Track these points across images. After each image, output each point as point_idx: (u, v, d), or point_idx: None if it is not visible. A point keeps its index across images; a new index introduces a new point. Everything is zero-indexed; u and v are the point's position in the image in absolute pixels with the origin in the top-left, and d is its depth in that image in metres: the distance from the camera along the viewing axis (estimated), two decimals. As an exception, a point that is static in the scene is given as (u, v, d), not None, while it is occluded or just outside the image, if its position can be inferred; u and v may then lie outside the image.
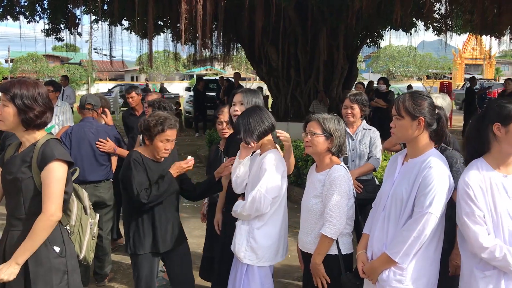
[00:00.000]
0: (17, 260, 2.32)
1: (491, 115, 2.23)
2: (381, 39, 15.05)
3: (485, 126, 2.24)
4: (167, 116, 3.24)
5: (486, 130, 2.23)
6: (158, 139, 3.17)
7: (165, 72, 42.38)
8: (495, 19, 9.98)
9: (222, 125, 3.78)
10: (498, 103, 2.24)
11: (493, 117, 2.22)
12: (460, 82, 33.34)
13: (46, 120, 2.46)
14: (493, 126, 2.21)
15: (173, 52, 14.23)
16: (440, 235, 2.44)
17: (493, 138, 2.23)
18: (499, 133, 2.20)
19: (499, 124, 2.19)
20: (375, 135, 4.24)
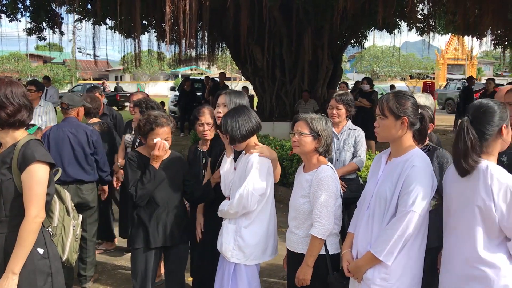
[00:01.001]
0: (13, 270, 2.28)
1: (494, 117, 2.21)
2: (365, 39, 15.18)
3: (489, 128, 2.20)
4: (158, 114, 3.29)
5: (489, 132, 2.21)
6: (150, 138, 3.24)
7: (150, 72, 42.12)
8: (477, 20, 10.12)
9: (204, 127, 3.75)
10: (497, 104, 2.25)
11: (498, 119, 2.20)
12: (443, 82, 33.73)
13: (22, 119, 2.40)
14: (502, 127, 2.20)
15: (157, 51, 14.16)
16: (423, 233, 2.47)
17: (495, 139, 2.22)
18: (505, 132, 2.21)
19: (505, 125, 2.21)
20: (359, 135, 4.27)
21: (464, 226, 2.22)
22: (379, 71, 41.70)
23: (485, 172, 2.13)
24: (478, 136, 2.19)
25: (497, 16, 9.37)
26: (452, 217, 2.32)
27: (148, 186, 3.21)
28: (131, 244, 3.37)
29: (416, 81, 36.13)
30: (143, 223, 3.30)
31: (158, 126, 3.22)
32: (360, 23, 12.64)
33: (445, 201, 2.40)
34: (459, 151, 2.21)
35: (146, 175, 3.22)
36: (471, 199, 2.18)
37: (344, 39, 13.84)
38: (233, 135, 3.01)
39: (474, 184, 2.17)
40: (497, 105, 2.24)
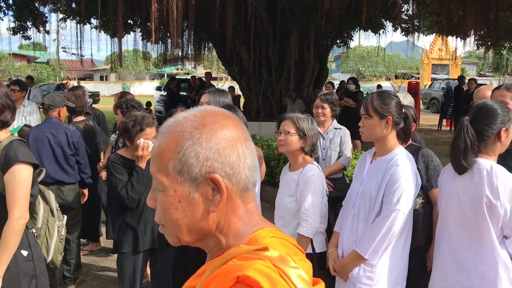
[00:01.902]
0: None
1: (496, 120, 2.23)
2: (350, 40, 15.25)
3: (487, 130, 2.23)
4: (144, 115, 3.26)
5: (487, 133, 2.23)
6: (138, 138, 3.18)
7: (135, 72, 41.87)
8: (461, 21, 10.24)
9: None
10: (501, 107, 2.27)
11: (499, 122, 2.23)
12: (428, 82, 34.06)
13: (5, 120, 2.37)
14: (501, 130, 2.22)
15: (143, 51, 14.07)
16: (408, 231, 2.49)
17: (493, 142, 2.24)
18: (503, 136, 2.24)
19: (504, 128, 2.23)
20: (345, 134, 4.30)
21: (471, 225, 2.23)
22: (364, 71, 41.98)
23: (490, 172, 2.16)
24: (477, 136, 2.22)
25: (480, 17, 9.50)
26: (453, 217, 2.31)
27: (138, 187, 3.15)
28: (117, 249, 3.27)
29: (401, 81, 36.43)
30: (130, 227, 3.23)
31: (147, 126, 3.18)
32: (345, 23, 12.70)
33: (443, 201, 2.39)
34: (459, 149, 2.24)
35: (134, 176, 3.16)
36: (476, 198, 2.19)
37: (329, 39, 13.89)
38: None
39: (477, 184, 2.18)
40: (500, 108, 2.26)
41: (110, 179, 3.26)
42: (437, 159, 2.93)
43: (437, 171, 2.84)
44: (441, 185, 2.44)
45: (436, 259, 2.43)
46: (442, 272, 2.36)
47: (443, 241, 2.38)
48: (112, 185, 3.23)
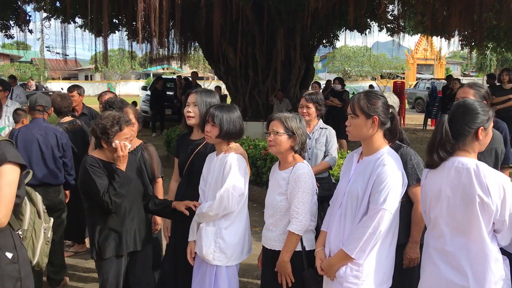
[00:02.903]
0: None
1: (474, 119, 2.25)
2: (336, 40, 15.32)
3: (465, 128, 2.25)
4: (120, 114, 3.17)
5: (464, 131, 2.25)
6: (117, 139, 3.07)
7: (121, 71, 41.55)
8: (445, 21, 10.35)
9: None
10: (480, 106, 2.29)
11: (478, 121, 2.25)
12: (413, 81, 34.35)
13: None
14: (479, 129, 2.25)
15: (128, 50, 13.97)
16: (394, 230, 2.51)
17: (471, 140, 2.26)
18: (481, 135, 2.26)
19: (483, 127, 2.26)
20: (331, 134, 4.32)
21: (462, 224, 2.24)
22: (350, 71, 42.23)
23: (477, 171, 2.18)
24: (455, 134, 2.25)
25: (464, 18, 9.60)
26: (443, 217, 2.31)
27: (121, 191, 3.06)
28: (98, 254, 3.13)
29: (386, 81, 36.70)
30: (114, 231, 3.13)
31: (126, 125, 3.11)
32: (331, 23, 12.76)
33: (432, 203, 2.38)
34: (430, 144, 2.29)
35: (116, 180, 3.05)
36: (467, 198, 2.20)
37: (316, 39, 13.95)
38: (228, 129, 3.02)
39: (466, 183, 2.20)
40: (480, 107, 2.28)
41: (88, 183, 3.07)
42: (417, 158, 2.97)
43: (415, 169, 2.90)
44: (425, 188, 2.43)
45: (426, 260, 2.43)
46: (433, 272, 2.37)
47: (433, 242, 2.38)
48: (91, 189, 3.06)
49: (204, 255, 3.04)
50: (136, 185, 3.26)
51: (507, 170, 3.41)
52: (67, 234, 5.18)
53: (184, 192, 3.38)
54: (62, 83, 37.03)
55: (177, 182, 3.52)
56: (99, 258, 3.14)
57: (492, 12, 11.36)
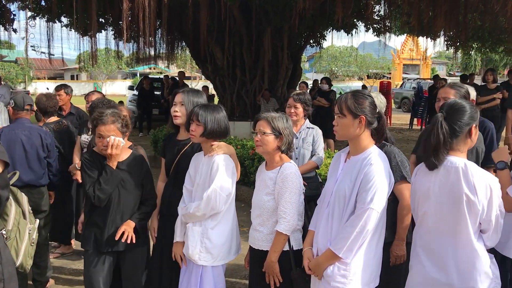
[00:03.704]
0: None
1: (468, 118, 2.30)
2: (323, 40, 15.37)
3: (460, 126, 2.29)
4: (103, 111, 3.17)
5: (460, 129, 2.29)
6: (96, 135, 3.16)
7: (107, 71, 41.23)
8: (430, 22, 10.44)
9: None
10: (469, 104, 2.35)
11: (471, 119, 2.31)
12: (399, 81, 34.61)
13: None
14: (472, 127, 2.31)
15: (115, 50, 13.88)
16: (381, 229, 2.52)
17: (464, 139, 2.31)
18: (473, 133, 2.32)
19: (475, 125, 2.32)
20: (318, 133, 4.34)
21: (449, 222, 2.27)
22: (337, 71, 42.42)
23: (465, 170, 2.21)
24: (451, 132, 2.28)
25: (449, 18, 9.69)
26: (431, 215, 2.33)
27: (106, 187, 3.11)
28: (82, 245, 3.27)
29: (373, 81, 36.95)
30: (96, 225, 3.19)
31: (100, 124, 3.11)
32: (318, 23, 12.80)
33: (420, 201, 2.41)
34: (430, 145, 2.29)
35: (103, 175, 3.12)
36: (454, 196, 2.23)
37: (303, 39, 13.98)
38: (213, 128, 3.02)
39: (454, 182, 2.23)
40: (469, 106, 2.34)
41: (82, 176, 3.26)
42: (401, 156, 3.01)
43: (400, 167, 2.93)
44: (415, 185, 2.46)
45: (414, 258, 2.46)
46: (420, 270, 2.39)
47: (420, 240, 2.41)
48: (83, 182, 3.24)
49: (190, 255, 3.03)
50: (130, 185, 3.24)
51: (491, 170, 3.45)
52: (53, 235, 5.13)
53: (170, 192, 3.36)
54: (48, 83, 36.62)
55: (163, 182, 3.50)
56: (83, 249, 3.25)
57: (477, 13, 11.50)
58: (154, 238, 3.47)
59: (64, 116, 5.59)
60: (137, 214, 3.25)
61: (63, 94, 5.68)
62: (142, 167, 3.34)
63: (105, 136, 3.11)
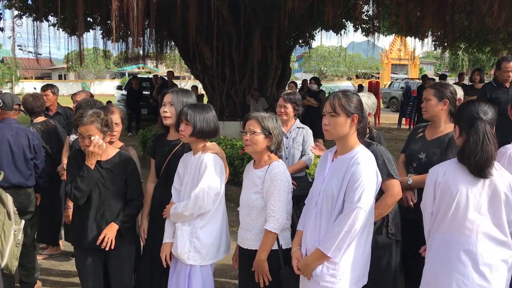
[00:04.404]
0: None
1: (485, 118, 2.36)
2: (312, 40, 15.40)
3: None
4: (83, 112, 3.20)
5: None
6: (78, 135, 3.20)
7: (95, 70, 40.92)
8: (418, 22, 10.50)
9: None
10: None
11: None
12: (387, 81, 34.81)
13: None
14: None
15: (103, 49, 13.77)
16: (369, 228, 2.53)
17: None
18: None
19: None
20: (308, 133, 4.35)
21: (497, 225, 2.32)
22: (326, 70, 42.51)
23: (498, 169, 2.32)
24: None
25: (437, 19, 9.75)
26: (468, 218, 2.33)
27: (82, 186, 3.13)
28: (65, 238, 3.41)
29: (361, 81, 37.08)
30: (79, 222, 3.25)
31: (80, 124, 3.13)
32: (307, 23, 12.81)
33: (453, 203, 2.36)
34: (488, 154, 2.28)
35: (80, 174, 3.16)
36: (494, 196, 2.29)
37: (292, 39, 14.00)
38: (202, 128, 3.00)
39: (496, 182, 2.30)
40: (491, 107, 2.43)
41: (66, 174, 3.37)
42: (387, 154, 3.03)
43: (387, 165, 2.94)
44: (446, 187, 2.39)
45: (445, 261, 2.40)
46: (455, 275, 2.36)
47: (456, 244, 2.37)
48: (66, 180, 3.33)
49: (179, 254, 3.03)
50: (112, 185, 3.24)
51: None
52: (41, 236, 5.08)
53: (161, 193, 3.34)
54: (35, 83, 36.24)
55: (153, 183, 3.48)
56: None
57: (464, 13, 11.59)
58: (143, 240, 3.45)
59: (51, 116, 5.55)
60: (121, 216, 3.25)
61: (50, 94, 5.64)
62: (127, 167, 3.32)
63: (85, 136, 3.13)
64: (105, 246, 3.16)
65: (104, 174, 3.23)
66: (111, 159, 3.28)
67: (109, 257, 3.30)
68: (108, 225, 3.21)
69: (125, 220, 3.25)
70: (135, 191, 3.34)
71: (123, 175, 3.29)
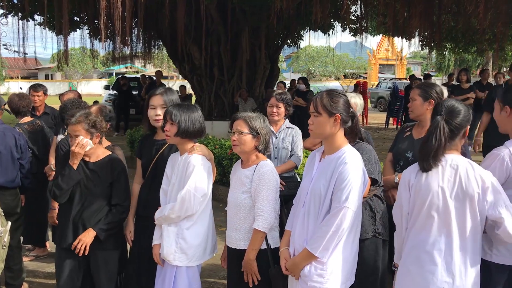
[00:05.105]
0: None
1: (465, 119, 2.38)
2: (301, 40, 15.44)
3: (458, 128, 2.37)
4: (74, 112, 3.21)
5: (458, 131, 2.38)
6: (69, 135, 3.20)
7: (82, 70, 40.57)
8: (406, 22, 10.58)
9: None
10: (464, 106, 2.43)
11: (468, 121, 2.40)
12: (375, 81, 35.04)
13: None
14: (467, 128, 2.40)
15: (90, 49, 13.68)
16: (356, 227, 2.55)
17: (459, 140, 2.39)
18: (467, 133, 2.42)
19: (469, 126, 2.40)
20: (297, 133, 4.36)
21: (462, 223, 2.31)
22: (314, 70, 42.59)
23: (472, 168, 2.30)
24: (451, 136, 2.34)
25: (424, 19, 9.83)
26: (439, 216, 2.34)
27: (61, 184, 3.12)
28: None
29: (349, 81, 37.25)
30: (60, 220, 3.28)
31: (69, 124, 3.14)
32: (295, 23, 12.83)
33: (421, 202, 2.38)
34: (431, 147, 2.32)
35: (61, 172, 3.16)
36: (464, 194, 2.28)
37: (280, 39, 14.01)
38: (187, 127, 2.98)
39: (465, 180, 2.29)
40: (464, 108, 2.41)
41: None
42: (369, 154, 3.05)
43: (371, 164, 2.97)
44: (418, 188, 2.40)
45: (411, 260, 2.43)
46: (420, 272, 2.37)
47: (421, 243, 2.38)
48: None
49: (165, 256, 3.01)
50: (95, 187, 3.21)
51: None
52: (28, 237, 5.03)
53: (148, 193, 3.31)
54: (21, 82, 35.88)
55: (139, 184, 3.44)
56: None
57: (450, 14, 11.70)
58: (130, 242, 3.42)
59: (39, 117, 5.49)
60: (102, 223, 3.19)
61: (42, 95, 5.60)
62: (113, 170, 3.27)
63: (72, 135, 3.13)
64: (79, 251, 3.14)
65: (89, 175, 3.20)
66: (99, 161, 3.26)
67: (88, 260, 3.26)
68: (86, 229, 3.16)
69: (106, 228, 3.19)
70: (121, 196, 3.27)
71: (108, 178, 3.24)
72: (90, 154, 3.23)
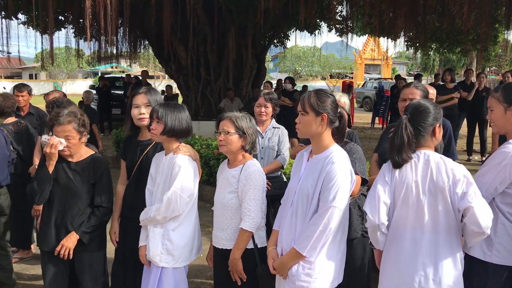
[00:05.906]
0: None
1: (433, 118, 2.40)
2: (287, 40, 15.48)
3: (424, 127, 2.39)
4: (59, 112, 3.11)
5: (424, 130, 2.39)
6: (56, 133, 3.10)
7: (67, 70, 40.18)
8: (391, 23, 10.67)
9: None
10: (433, 105, 2.45)
11: (436, 120, 2.41)
12: (361, 81, 35.21)
13: None
14: (435, 127, 2.41)
15: (75, 48, 13.56)
16: (344, 227, 2.56)
17: (430, 138, 2.41)
18: (438, 132, 2.43)
19: (438, 124, 2.42)
20: (283, 133, 4.36)
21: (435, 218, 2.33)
22: (301, 70, 42.72)
23: (443, 163, 2.32)
24: (415, 133, 2.37)
25: (409, 20, 9.93)
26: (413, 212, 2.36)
27: (34, 185, 3.08)
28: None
29: (336, 81, 37.43)
30: (42, 222, 3.22)
31: (56, 124, 3.06)
32: (282, 23, 12.87)
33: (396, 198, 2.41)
34: (395, 145, 2.37)
35: (35, 174, 3.13)
36: (436, 189, 2.31)
37: (267, 39, 14.03)
38: (173, 126, 2.95)
39: (437, 175, 2.31)
40: (432, 106, 2.43)
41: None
42: (360, 154, 3.10)
43: (355, 163, 3.00)
44: (394, 184, 2.43)
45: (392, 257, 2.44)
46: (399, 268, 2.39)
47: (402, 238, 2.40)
48: None
49: (151, 257, 2.99)
50: (75, 188, 3.16)
51: None
52: (11, 240, 4.95)
53: (132, 194, 3.28)
54: (5, 82, 35.40)
55: (124, 185, 3.41)
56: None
57: (435, 15, 11.83)
58: (115, 243, 3.39)
59: (23, 117, 5.43)
60: (84, 226, 3.15)
61: (26, 95, 5.53)
62: (96, 170, 3.22)
63: (60, 136, 3.06)
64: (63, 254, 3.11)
65: (71, 175, 3.15)
66: (82, 161, 3.20)
67: (73, 262, 3.23)
68: (68, 232, 3.12)
69: (88, 231, 3.14)
70: (104, 197, 3.22)
71: (91, 179, 3.19)
72: (73, 154, 3.17)
